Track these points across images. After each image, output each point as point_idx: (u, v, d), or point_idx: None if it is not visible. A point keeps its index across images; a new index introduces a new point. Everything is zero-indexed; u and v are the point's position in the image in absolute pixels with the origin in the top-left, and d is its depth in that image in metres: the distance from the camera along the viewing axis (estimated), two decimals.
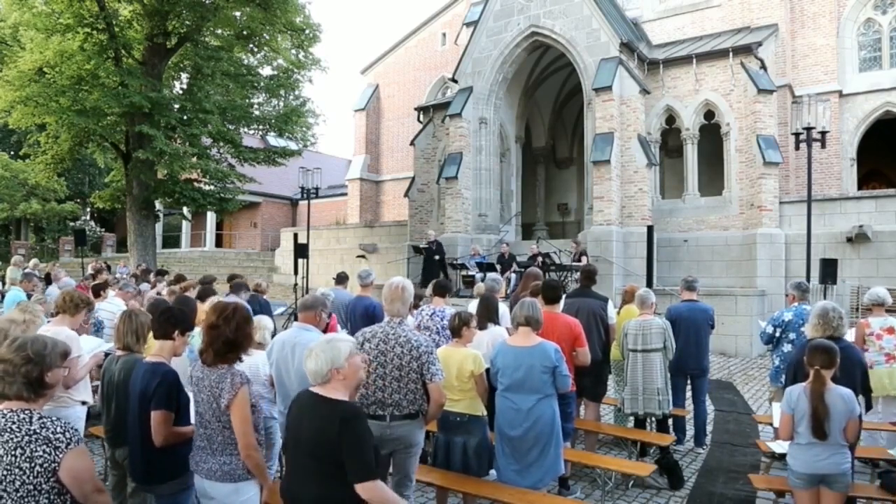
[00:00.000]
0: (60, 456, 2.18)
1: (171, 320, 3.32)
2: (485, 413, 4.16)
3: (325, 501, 2.50)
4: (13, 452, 2.15)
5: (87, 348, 4.44)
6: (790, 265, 13.16)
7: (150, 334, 3.60)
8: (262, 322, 4.58)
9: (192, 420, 3.12)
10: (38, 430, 2.18)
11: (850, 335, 5.64)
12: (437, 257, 14.81)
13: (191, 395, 3.13)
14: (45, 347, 2.31)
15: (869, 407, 4.28)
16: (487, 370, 4.16)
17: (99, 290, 7.01)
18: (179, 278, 8.56)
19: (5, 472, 2.15)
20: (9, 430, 2.18)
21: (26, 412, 2.23)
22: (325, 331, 4.27)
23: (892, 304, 5.92)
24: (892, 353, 5.52)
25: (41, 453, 2.16)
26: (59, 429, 2.22)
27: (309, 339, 3.85)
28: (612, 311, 5.88)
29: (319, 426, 2.49)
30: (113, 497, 3.90)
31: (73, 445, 2.21)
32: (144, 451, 3.14)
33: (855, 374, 3.84)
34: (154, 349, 3.34)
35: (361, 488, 2.40)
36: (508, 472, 4.05)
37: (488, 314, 5.02)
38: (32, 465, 2.15)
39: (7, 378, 2.24)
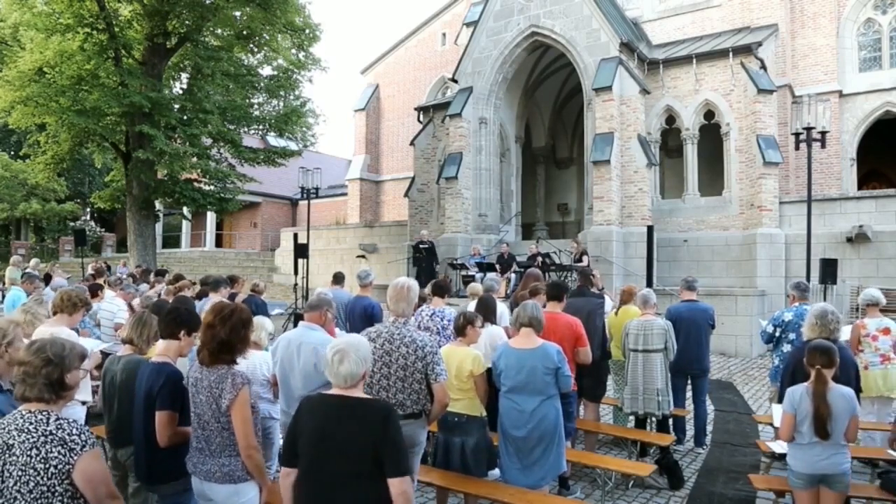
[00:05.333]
0: (75, 458, 2.18)
1: (178, 320, 3.32)
2: (484, 413, 4.15)
3: (363, 502, 2.49)
4: (29, 453, 2.15)
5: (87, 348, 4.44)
6: (790, 265, 13.17)
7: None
8: (261, 322, 4.58)
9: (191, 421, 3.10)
10: (53, 431, 2.18)
11: (846, 334, 5.67)
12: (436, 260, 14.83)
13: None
14: (64, 349, 2.32)
15: None
16: (489, 370, 4.15)
17: (96, 290, 7.00)
18: (178, 278, 8.55)
19: (20, 473, 2.15)
20: (26, 430, 2.18)
21: (44, 413, 2.23)
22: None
23: (886, 304, 5.93)
24: (887, 354, 5.53)
25: (56, 454, 2.16)
26: (74, 430, 2.21)
27: (314, 339, 3.86)
28: (608, 306, 5.88)
29: (361, 427, 2.48)
30: None
31: (88, 448, 2.21)
32: (149, 451, 3.15)
33: (850, 375, 3.87)
34: (159, 349, 3.33)
35: (398, 482, 2.43)
36: (512, 471, 4.07)
37: (486, 314, 5.02)
38: (47, 466, 2.15)
39: (28, 380, 2.25)
